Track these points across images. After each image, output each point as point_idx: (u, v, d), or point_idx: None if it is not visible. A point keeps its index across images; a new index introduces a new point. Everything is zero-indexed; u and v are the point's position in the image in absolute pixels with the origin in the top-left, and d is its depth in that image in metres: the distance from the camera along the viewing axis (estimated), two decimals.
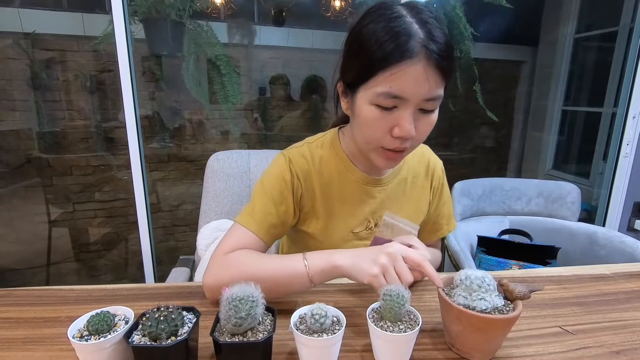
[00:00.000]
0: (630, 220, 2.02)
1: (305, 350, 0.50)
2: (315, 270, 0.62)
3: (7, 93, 2.00)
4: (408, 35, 0.57)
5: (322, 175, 0.77)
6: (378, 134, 0.63)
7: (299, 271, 0.62)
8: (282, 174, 0.75)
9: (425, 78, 0.58)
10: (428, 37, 0.57)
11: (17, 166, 2.08)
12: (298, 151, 0.77)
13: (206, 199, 1.15)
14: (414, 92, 0.59)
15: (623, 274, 0.84)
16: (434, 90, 0.60)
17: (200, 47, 1.80)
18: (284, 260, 0.65)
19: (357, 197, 0.78)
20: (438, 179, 0.87)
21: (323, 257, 0.63)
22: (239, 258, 0.67)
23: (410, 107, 0.60)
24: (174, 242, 2.43)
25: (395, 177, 0.80)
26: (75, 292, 0.72)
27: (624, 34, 2.18)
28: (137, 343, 0.47)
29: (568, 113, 2.75)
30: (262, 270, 0.64)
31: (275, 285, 0.63)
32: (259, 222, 0.72)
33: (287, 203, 0.75)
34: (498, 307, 0.53)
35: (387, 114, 0.61)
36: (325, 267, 0.62)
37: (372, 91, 0.61)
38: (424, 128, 0.64)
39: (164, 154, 2.35)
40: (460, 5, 1.85)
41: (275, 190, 0.74)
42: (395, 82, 0.58)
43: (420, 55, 0.57)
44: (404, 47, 0.57)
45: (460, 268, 1.21)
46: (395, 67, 0.57)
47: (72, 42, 2.05)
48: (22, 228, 2.16)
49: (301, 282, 0.63)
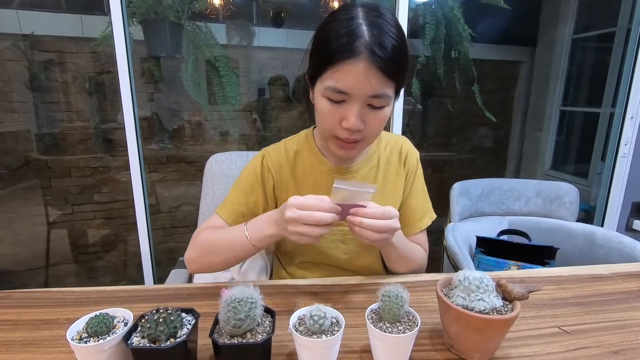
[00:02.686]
0: (629, 220, 2.03)
1: (304, 351, 0.50)
2: (256, 240, 0.71)
3: (5, 95, 2.00)
4: (354, 36, 0.62)
5: (297, 168, 0.84)
6: (329, 124, 0.69)
7: (244, 242, 0.71)
8: (254, 169, 0.84)
9: (366, 77, 0.63)
10: (373, 39, 0.62)
11: (16, 168, 2.08)
12: (274, 148, 0.86)
13: (205, 200, 1.15)
14: (355, 89, 0.64)
15: (621, 274, 0.84)
16: (377, 89, 0.64)
17: (199, 49, 1.80)
18: (232, 233, 0.75)
19: (328, 186, 0.78)
20: (412, 166, 0.88)
21: (260, 227, 0.71)
22: (203, 235, 0.79)
23: (356, 103, 0.65)
24: (173, 243, 2.43)
25: (365, 165, 0.84)
26: (74, 294, 0.72)
27: (621, 35, 2.19)
28: (136, 345, 0.47)
29: (566, 113, 2.75)
30: (216, 242, 0.76)
31: (229, 254, 0.75)
32: (229, 210, 0.82)
33: (257, 194, 0.83)
34: (496, 308, 0.53)
35: (337, 107, 0.67)
36: (261, 236, 0.70)
37: (322, 84, 0.67)
38: (374, 123, 0.69)
39: (163, 155, 2.35)
40: (459, 6, 1.85)
41: (247, 182, 0.83)
42: (339, 78, 0.64)
43: (362, 55, 0.62)
44: (348, 46, 0.62)
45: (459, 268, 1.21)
46: (340, 64, 0.63)
47: (70, 43, 2.05)
48: (21, 230, 2.15)
49: (247, 250, 0.73)
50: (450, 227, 1.38)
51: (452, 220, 1.45)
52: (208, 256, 0.76)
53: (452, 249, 1.27)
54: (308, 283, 0.78)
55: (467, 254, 1.26)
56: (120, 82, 1.45)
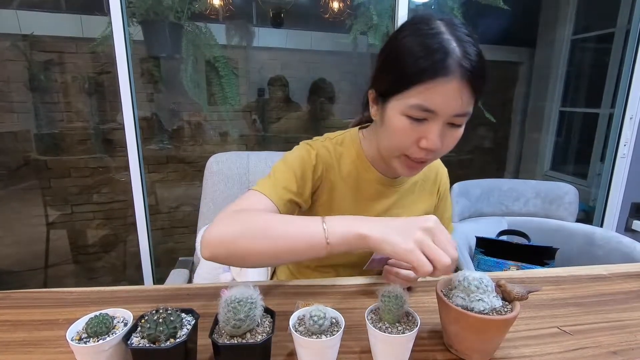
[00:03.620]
0: (628, 221, 2.03)
1: (304, 351, 0.50)
2: (336, 238, 0.54)
3: (5, 95, 2.00)
4: (445, 53, 0.58)
5: (342, 171, 0.79)
6: (406, 143, 0.65)
7: (316, 236, 0.55)
8: (308, 157, 0.75)
9: (459, 95, 0.59)
10: (464, 55, 0.58)
11: (15, 168, 2.08)
12: (322, 144, 0.79)
13: (205, 201, 1.15)
14: (445, 108, 0.60)
15: (620, 274, 0.84)
16: (465, 107, 0.61)
17: (199, 49, 1.80)
18: (302, 221, 0.58)
19: (372, 196, 0.80)
20: (444, 184, 0.91)
21: (345, 223, 0.55)
22: (251, 213, 0.62)
23: (440, 121, 0.62)
24: (173, 243, 2.43)
25: (408, 180, 0.83)
26: (74, 295, 0.72)
27: (620, 35, 2.19)
28: (136, 345, 0.47)
29: (566, 114, 2.76)
30: (274, 228, 0.57)
31: (286, 247, 0.56)
32: (280, 194, 0.69)
33: (306, 185, 0.74)
34: (496, 308, 0.53)
35: (417, 125, 0.63)
36: (348, 235, 0.54)
37: (404, 102, 0.62)
38: (449, 141, 0.65)
39: (162, 155, 2.35)
40: (459, 7, 1.86)
41: (299, 168, 0.74)
42: (429, 96, 0.59)
43: (455, 72, 0.58)
44: (441, 64, 0.58)
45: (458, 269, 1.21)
46: (431, 83, 0.58)
47: (70, 44, 2.04)
48: (20, 230, 2.15)
49: (316, 248, 0.55)
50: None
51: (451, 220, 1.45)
52: (251, 240, 0.57)
53: None
54: (308, 283, 0.78)
55: (466, 255, 1.26)
56: (120, 82, 1.45)
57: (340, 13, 2.12)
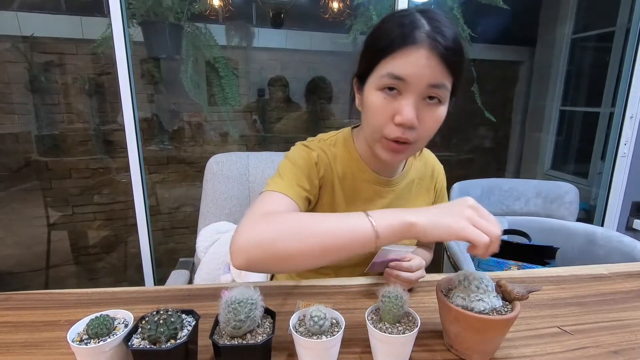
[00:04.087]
0: (629, 220, 2.03)
1: (304, 352, 0.50)
2: (384, 228, 0.53)
3: (5, 96, 2.00)
4: (414, 26, 0.60)
5: (338, 173, 0.79)
6: (382, 120, 0.65)
7: (364, 230, 0.53)
8: (309, 157, 0.75)
9: (428, 64, 0.60)
10: (434, 30, 0.60)
11: (16, 169, 2.08)
12: (317, 145, 0.79)
13: (205, 201, 1.15)
14: (415, 76, 0.60)
15: (621, 273, 0.84)
16: (438, 78, 0.61)
17: (199, 50, 1.80)
18: (342, 217, 0.56)
19: (368, 197, 0.80)
20: (441, 181, 0.91)
21: (392, 214, 0.55)
22: (284, 214, 0.60)
23: (413, 94, 0.62)
24: (174, 244, 2.43)
25: (404, 178, 0.83)
26: (75, 296, 0.72)
27: (621, 34, 2.19)
28: (137, 346, 0.47)
29: (566, 113, 2.75)
30: (315, 226, 0.55)
31: (332, 245, 0.54)
32: (297, 192, 0.68)
33: (314, 183, 0.74)
34: (496, 308, 0.53)
35: (391, 101, 0.63)
36: (396, 225, 0.53)
37: (377, 74, 0.63)
38: (428, 121, 0.65)
39: (163, 156, 2.35)
40: (458, 6, 1.86)
41: (305, 167, 0.73)
42: (398, 64, 0.61)
43: (424, 42, 0.59)
44: (409, 34, 0.60)
45: (459, 269, 1.22)
46: (399, 52, 0.60)
47: (70, 45, 2.05)
48: (21, 231, 2.15)
49: (364, 241, 0.53)
50: None
51: None
52: (291, 242, 0.54)
53: (452, 249, 1.27)
54: (308, 284, 0.78)
55: (466, 254, 1.26)
56: (120, 83, 1.45)
57: (340, 13, 2.12)
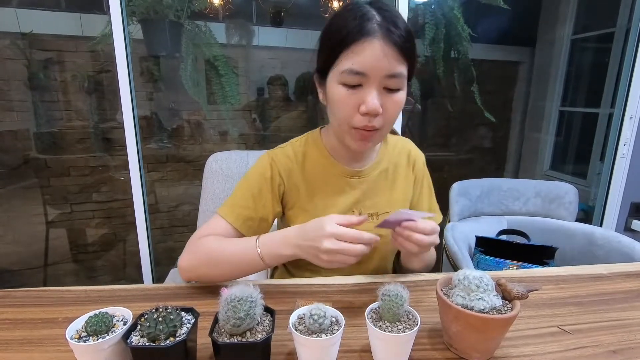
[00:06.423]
0: (628, 221, 2.03)
1: (304, 350, 0.50)
2: (269, 257, 0.69)
3: (4, 93, 1.99)
4: (365, 18, 0.64)
5: (306, 171, 0.81)
6: (346, 112, 0.68)
7: (254, 258, 0.69)
8: (263, 172, 0.80)
9: (384, 55, 0.63)
10: (384, 19, 0.64)
11: (15, 167, 2.08)
12: (282, 151, 0.83)
13: (205, 200, 1.15)
14: (373, 69, 0.64)
15: (620, 273, 0.84)
16: (394, 67, 0.65)
17: (199, 48, 1.79)
18: (239, 244, 0.72)
19: (339, 189, 0.81)
20: (419, 169, 0.89)
21: (273, 246, 0.68)
22: (204, 243, 0.74)
23: (374, 84, 0.65)
24: (172, 242, 2.43)
25: (375, 169, 0.83)
26: (73, 293, 0.72)
27: (620, 35, 2.19)
28: (136, 344, 0.47)
29: (565, 114, 2.76)
30: (221, 254, 0.72)
31: (235, 267, 0.72)
32: (236, 214, 0.77)
33: (265, 199, 0.79)
34: (496, 307, 0.53)
35: (354, 92, 0.66)
36: (275, 256, 0.69)
37: (337, 71, 0.67)
38: (391, 107, 0.68)
39: (162, 154, 2.34)
40: (458, 7, 1.86)
41: (256, 186, 0.79)
42: (356, 59, 0.64)
43: (377, 33, 0.63)
44: (362, 27, 0.63)
45: (458, 268, 1.21)
46: (355, 45, 0.64)
47: (69, 42, 2.04)
48: (20, 229, 2.15)
49: (255, 265, 0.70)
50: (450, 226, 1.38)
51: (451, 220, 1.45)
52: (208, 267, 0.72)
53: (452, 249, 1.27)
54: (308, 282, 0.78)
55: (466, 254, 1.26)
56: (120, 81, 1.44)
57: None
